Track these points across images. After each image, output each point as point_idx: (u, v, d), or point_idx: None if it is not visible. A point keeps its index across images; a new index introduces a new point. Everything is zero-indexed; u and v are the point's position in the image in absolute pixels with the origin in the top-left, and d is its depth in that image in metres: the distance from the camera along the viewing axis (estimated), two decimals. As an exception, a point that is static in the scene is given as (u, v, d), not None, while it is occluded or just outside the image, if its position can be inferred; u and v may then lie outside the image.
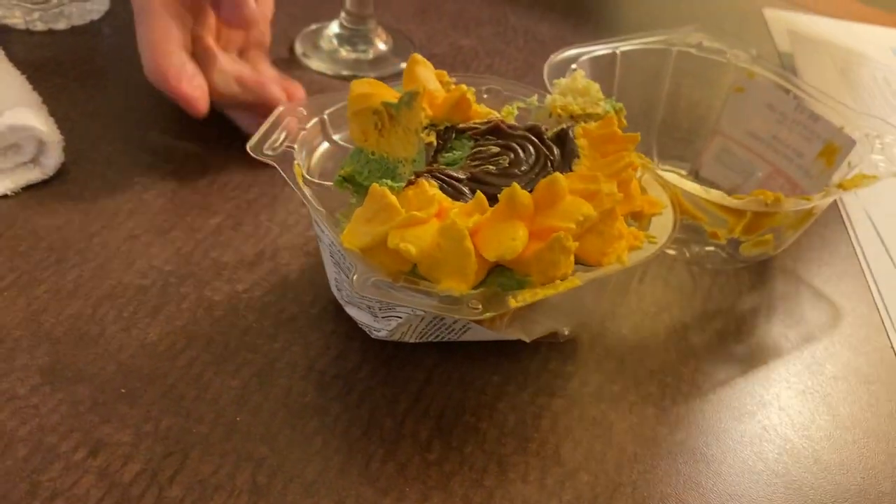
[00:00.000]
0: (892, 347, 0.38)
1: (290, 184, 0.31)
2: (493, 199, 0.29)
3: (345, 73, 0.52)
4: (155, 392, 0.31)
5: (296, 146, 0.33)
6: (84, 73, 0.48)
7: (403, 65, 0.54)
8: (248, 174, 0.42)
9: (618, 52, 0.45)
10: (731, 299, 0.40)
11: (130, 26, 0.54)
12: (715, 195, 0.36)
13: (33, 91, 0.43)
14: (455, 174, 0.31)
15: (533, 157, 0.32)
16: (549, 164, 0.32)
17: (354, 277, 0.27)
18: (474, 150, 0.32)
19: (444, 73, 0.36)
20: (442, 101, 0.34)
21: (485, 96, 0.39)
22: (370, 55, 0.54)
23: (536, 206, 0.29)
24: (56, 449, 0.28)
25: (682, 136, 0.47)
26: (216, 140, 0.45)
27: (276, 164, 0.32)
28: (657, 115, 0.47)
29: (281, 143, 0.33)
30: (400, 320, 0.31)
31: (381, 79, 0.52)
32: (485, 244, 0.28)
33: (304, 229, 0.39)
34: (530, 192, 0.29)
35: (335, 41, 0.54)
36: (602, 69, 0.44)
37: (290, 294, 0.36)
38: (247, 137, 0.33)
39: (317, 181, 0.33)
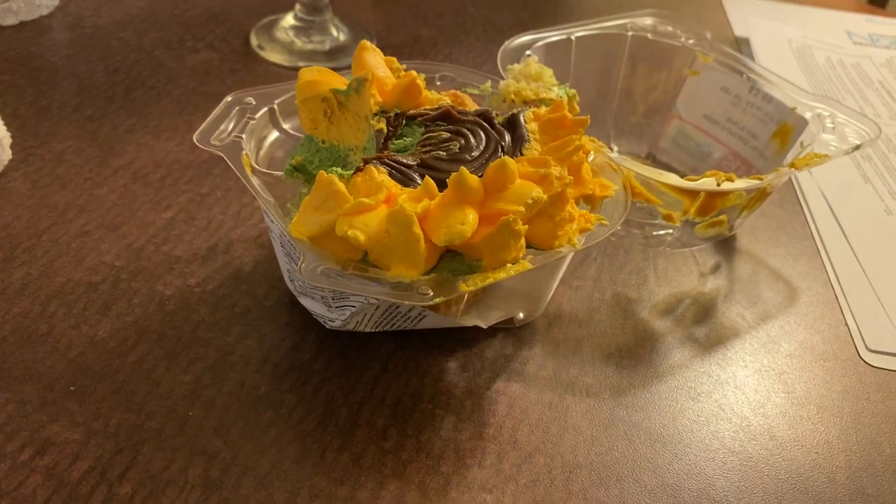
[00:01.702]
0: (847, 324, 0.39)
1: (238, 174, 0.31)
2: (443, 185, 0.29)
3: (301, 64, 0.52)
4: (105, 389, 0.30)
5: (244, 136, 0.33)
6: (33, 70, 0.48)
7: (360, 55, 0.54)
8: (201, 168, 0.42)
9: (572, 37, 0.45)
10: (688, 281, 0.40)
11: (81, 22, 0.53)
12: (667, 177, 0.36)
13: (-21, 88, 0.42)
14: (404, 160, 0.30)
15: (483, 142, 0.32)
16: (500, 149, 0.32)
17: (302, 266, 0.27)
18: (425, 136, 0.32)
19: (394, 59, 0.35)
20: (392, 88, 0.34)
21: (438, 83, 0.39)
22: (326, 46, 0.54)
23: (486, 191, 0.29)
24: (2, 449, 0.28)
25: (638, 120, 0.48)
26: (169, 134, 0.44)
27: (223, 154, 0.31)
28: (613, 100, 0.47)
29: (228, 134, 0.33)
30: (353, 309, 0.31)
31: (338, 69, 0.52)
32: (434, 229, 0.28)
33: (258, 221, 0.39)
34: (480, 176, 0.29)
35: (291, 32, 0.54)
36: (557, 55, 0.44)
37: (244, 287, 0.35)
38: (199, 129, 0.33)
39: (266, 171, 0.33)
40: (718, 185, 0.35)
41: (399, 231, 0.27)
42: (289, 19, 0.54)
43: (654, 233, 0.40)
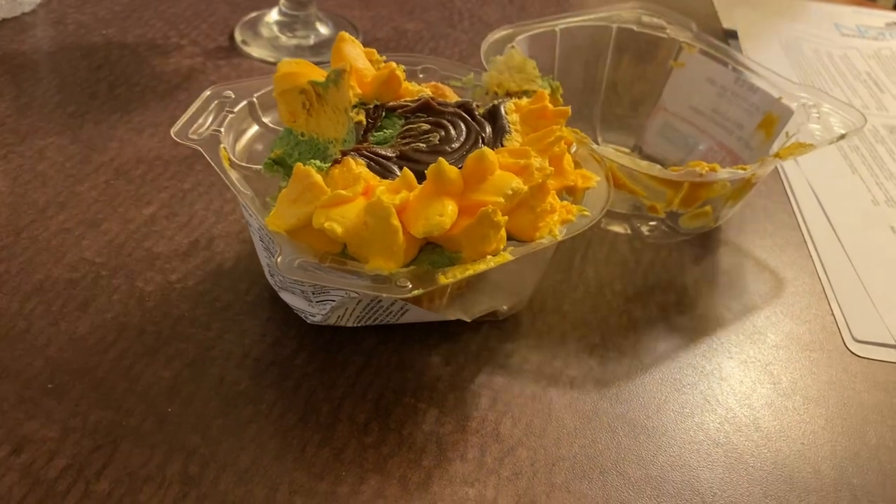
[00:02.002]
0: (833, 315, 0.39)
1: (216, 168, 0.31)
2: (422, 177, 0.29)
3: (286, 59, 0.52)
4: (84, 386, 0.30)
5: (222, 130, 0.33)
6: (15, 67, 0.47)
7: (345, 50, 0.54)
8: (183, 164, 0.41)
9: (557, 30, 0.45)
10: (674, 272, 0.40)
11: (64, 20, 0.53)
12: (649, 167, 0.36)
13: (-42, 85, 0.42)
14: (383, 152, 0.30)
15: (464, 133, 0.32)
16: (481, 140, 0.32)
17: (279, 259, 0.27)
18: (404, 128, 0.32)
19: (374, 51, 0.35)
20: (371, 80, 0.33)
21: (420, 76, 0.39)
22: (311, 41, 0.53)
23: (465, 182, 0.29)
24: (-23, 447, 0.28)
25: (624, 112, 0.47)
26: (152, 130, 0.44)
27: (200, 149, 0.31)
28: (599, 93, 0.47)
29: (207, 128, 0.32)
30: (334, 303, 0.31)
31: (323, 64, 0.52)
32: (412, 221, 0.28)
33: (240, 217, 0.39)
34: (461, 168, 0.29)
35: (275, 28, 0.54)
36: (541, 48, 0.44)
37: (225, 282, 0.35)
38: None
39: (245, 165, 0.33)
40: (701, 174, 0.35)
41: (377, 223, 0.27)
42: (273, 15, 0.54)
43: (639, 225, 0.40)
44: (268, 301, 0.34)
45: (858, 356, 0.37)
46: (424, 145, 0.31)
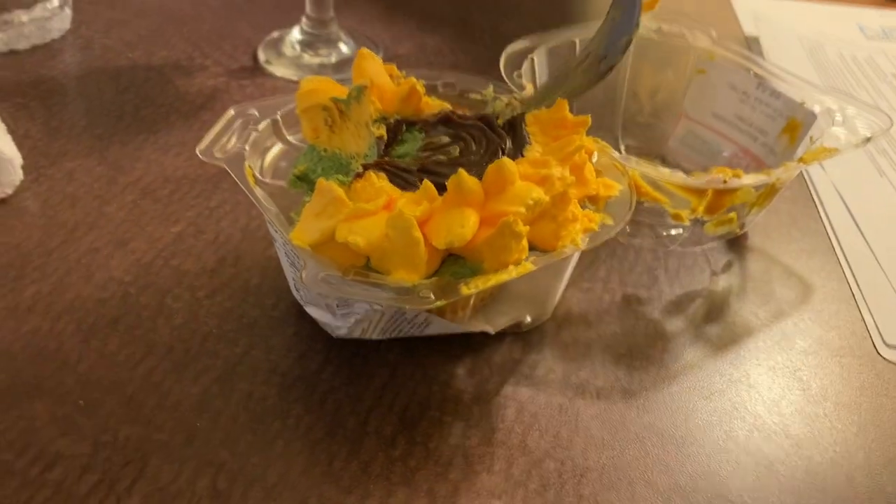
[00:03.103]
0: (863, 320, 0.38)
1: (241, 185, 0.31)
2: (443, 189, 0.29)
3: (308, 76, 0.52)
4: (114, 402, 0.31)
5: (247, 147, 0.33)
6: (45, 92, 0.48)
7: (367, 67, 0.54)
8: (210, 182, 0.42)
9: (576, 40, 0.45)
10: (699, 280, 0.39)
11: (91, 44, 0.54)
12: (671, 174, 0.35)
13: (-9, 111, 0.43)
14: (404, 165, 0.30)
15: (484, 145, 0.32)
16: (501, 151, 0.32)
17: (304, 274, 0.27)
18: (425, 141, 0.32)
19: (394, 66, 0.35)
20: (392, 95, 0.34)
21: (441, 90, 0.39)
22: (333, 59, 0.54)
23: (486, 193, 0.29)
24: (12, 465, 0.28)
25: (646, 121, 0.47)
26: (178, 149, 0.44)
27: (226, 166, 0.32)
28: (620, 102, 0.47)
29: (232, 146, 0.33)
30: (359, 316, 0.31)
31: (346, 81, 0.52)
32: (434, 233, 0.28)
33: (266, 233, 0.39)
34: (481, 179, 0.29)
35: (298, 47, 0.54)
36: (560, 60, 0.44)
37: (252, 298, 0.35)
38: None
39: (270, 181, 0.33)
40: (725, 181, 0.35)
41: (399, 235, 0.27)
42: (295, 34, 0.55)
43: (665, 232, 0.40)
44: (294, 316, 0.35)
45: (890, 361, 0.36)
46: (444, 157, 0.31)
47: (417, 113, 0.34)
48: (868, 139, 0.38)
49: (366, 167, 0.30)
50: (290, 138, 0.36)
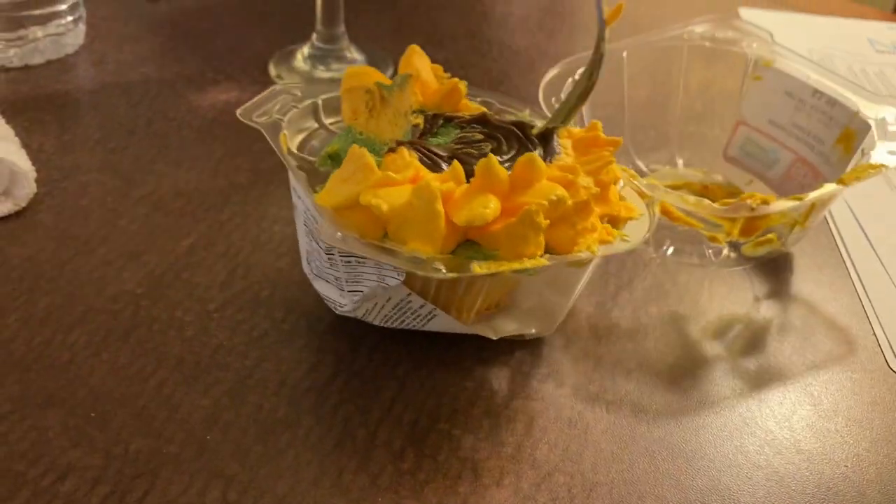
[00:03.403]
0: (875, 335, 0.38)
1: (276, 150, 0.32)
2: (470, 178, 0.29)
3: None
4: (125, 414, 0.31)
5: (285, 120, 0.33)
6: (59, 106, 0.49)
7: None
8: (220, 195, 0.42)
9: (623, 55, 0.45)
10: (708, 295, 0.39)
11: (105, 59, 0.54)
12: (697, 204, 0.35)
13: (6, 124, 0.44)
14: (435, 149, 0.31)
15: (515, 148, 0.32)
16: None
17: (323, 226, 0.28)
18: (459, 136, 0.33)
19: (440, 67, 0.36)
20: (434, 91, 0.34)
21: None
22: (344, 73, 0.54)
23: (512, 185, 0.29)
24: (24, 476, 0.28)
25: (702, 130, 0.47)
26: (189, 163, 0.45)
27: (263, 131, 0.32)
28: (675, 113, 0.47)
29: (272, 115, 0.34)
30: (365, 292, 0.31)
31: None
32: (456, 210, 0.28)
33: (276, 246, 0.39)
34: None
35: (309, 62, 0.55)
36: (606, 75, 0.44)
37: (262, 311, 0.36)
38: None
39: (301, 155, 0.33)
40: (753, 209, 0.34)
41: (422, 205, 0.28)
42: (306, 49, 0.55)
43: (708, 250, 0.39)
44: (303, 329, 0.35)
45: (902, 376, 0.36)
46: (475, 151, 0.31)
47: (455, 111, 0.34)
48: None
49: (399, 143, 0.30)
50: (326, 122, 0.36)
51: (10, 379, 0.32)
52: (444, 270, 0.27)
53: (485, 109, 0.35)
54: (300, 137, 0.35)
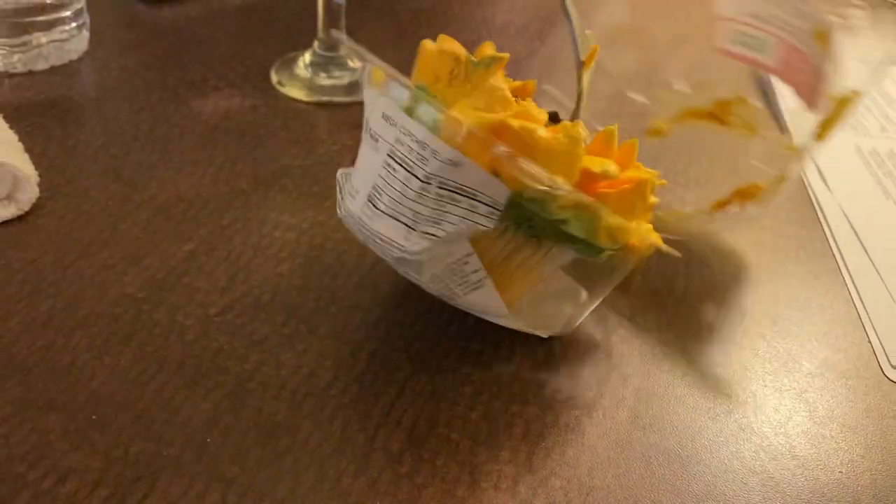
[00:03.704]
0: (870, 342, 0.38)
1: (375, 64, 0.32)
2: None
3: (321, 99, 0.53)
4: (126, 417, 0.31)
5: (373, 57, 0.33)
6: (62, 112, 0.49)
7: (378, 88, 0.55)
8: (222, 201, 0.43)
9: None
10: (706, 301, 0.40)
11: (108, 65, 0.55)
12: (696, 215, 0.37)
13: (9, 129, 0.44)
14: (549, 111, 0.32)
15: None
16: None
17: (448, 120, 0.28)
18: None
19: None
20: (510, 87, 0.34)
21: None
22: (345, 81, 0.55)
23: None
24: (24, 478, 0.28)
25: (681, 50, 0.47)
26: (191, 169, 0.45)
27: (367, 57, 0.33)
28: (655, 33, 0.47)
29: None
30: (441, 235, 0.30)
31: (358, 103, 0.53)
32: (589, 161, 0.29)
33: (277, 251, 0.40)
34: None
35: (310, 69, 0.55)
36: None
37: (262, 315, 0.36)
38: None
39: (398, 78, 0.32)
40: (741, 206, 0.36)
41: (569, 142, 0.29)
42: (308, 56, 0.56)
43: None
44: (303, 333, 0.35)
45: (897, 384, 0.36)
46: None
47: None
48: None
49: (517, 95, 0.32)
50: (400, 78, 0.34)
51: (11, 382, 0.32)
52: (572, 191, 0.28)
53: (553, 110, 0.35)
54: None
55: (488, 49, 0.35)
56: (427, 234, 0.30)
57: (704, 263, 0.42)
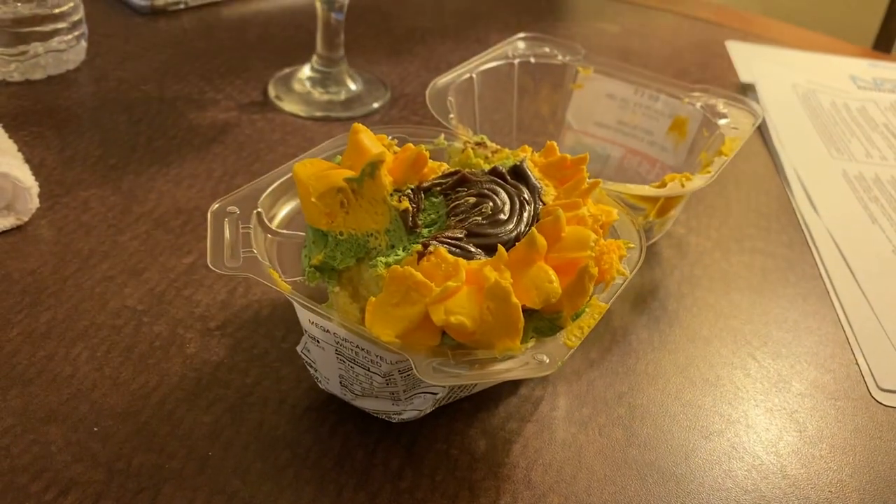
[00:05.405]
0: (857, 364, 0.39)
1: (284, 293, 0.30)
2: (489, 250, 0.29)
3: (318, 114, 0.54)
4: (127, 430, 0.31)
5: (254, 249, 0.31)
6: (60, 121, 0.49)
7: (376, 105, 0.56)
8: (221, 214, 0.43)
9: (473, 75, 0.47)
10: (699, 321, 0.40)
11: (106, 76, 0.55)
12: (638, 189, 0.39)
13: (9, 139, 0.44)
14: (456, 235, 0.30)
15: (507, 199, 0.31)
16: (524, 202, 0.31)
17: (416, 366, 0.27)
18: (451, 205, 0.32)
19: (385, 136, 0.34)
20: (398, 163, 0.33)
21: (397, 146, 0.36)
22: (342, 96, 0.55)
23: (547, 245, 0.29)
24: (26, 489, 0.28)
25: (536, 140, 0.49)
26: (189, 181, 0.45)
27: (252, 275, 0.30)
28: (513, 125, 0.50)
29: (234, 252, 0.31)
30: (436, 396, 0.30)
31: (354, 118, 0.54)
32: (524, 293, 0.28)
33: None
34: (523, 235, 0.29)
35: (308, 84, 0.56)
36: (463, 94, 0.46)
37: (262, 329, 0.36)
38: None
39: (292, 280, 0.32)
40: (683, 185, 0.39)
41: (500, 305, 0.27)
42: (305, 71, 0.56)
43: None
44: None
45: (884, 405, 0.37)
46: (480, 218, 0.31)
47: (422, 178, 0.33)
48: (756, 125, 0.44)
49: (425, 245, 0.29)
50: (273, 227, 0.34)
51: (12, 392, 0.32)
52: (548, 362, 0.27)
53: (447, 167, 0.34)
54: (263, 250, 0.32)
55: (358, 136, 0.33)
56: (417, 394, 0.31)
57: (696, 284, 0.43)
